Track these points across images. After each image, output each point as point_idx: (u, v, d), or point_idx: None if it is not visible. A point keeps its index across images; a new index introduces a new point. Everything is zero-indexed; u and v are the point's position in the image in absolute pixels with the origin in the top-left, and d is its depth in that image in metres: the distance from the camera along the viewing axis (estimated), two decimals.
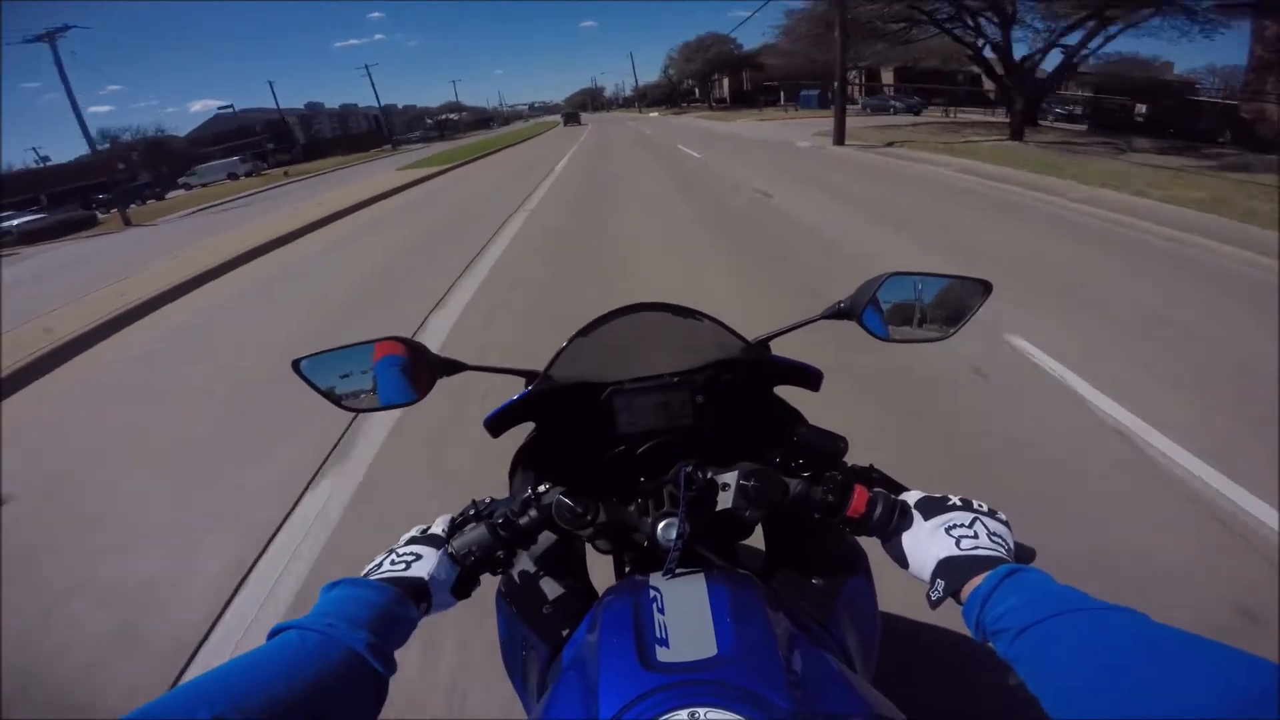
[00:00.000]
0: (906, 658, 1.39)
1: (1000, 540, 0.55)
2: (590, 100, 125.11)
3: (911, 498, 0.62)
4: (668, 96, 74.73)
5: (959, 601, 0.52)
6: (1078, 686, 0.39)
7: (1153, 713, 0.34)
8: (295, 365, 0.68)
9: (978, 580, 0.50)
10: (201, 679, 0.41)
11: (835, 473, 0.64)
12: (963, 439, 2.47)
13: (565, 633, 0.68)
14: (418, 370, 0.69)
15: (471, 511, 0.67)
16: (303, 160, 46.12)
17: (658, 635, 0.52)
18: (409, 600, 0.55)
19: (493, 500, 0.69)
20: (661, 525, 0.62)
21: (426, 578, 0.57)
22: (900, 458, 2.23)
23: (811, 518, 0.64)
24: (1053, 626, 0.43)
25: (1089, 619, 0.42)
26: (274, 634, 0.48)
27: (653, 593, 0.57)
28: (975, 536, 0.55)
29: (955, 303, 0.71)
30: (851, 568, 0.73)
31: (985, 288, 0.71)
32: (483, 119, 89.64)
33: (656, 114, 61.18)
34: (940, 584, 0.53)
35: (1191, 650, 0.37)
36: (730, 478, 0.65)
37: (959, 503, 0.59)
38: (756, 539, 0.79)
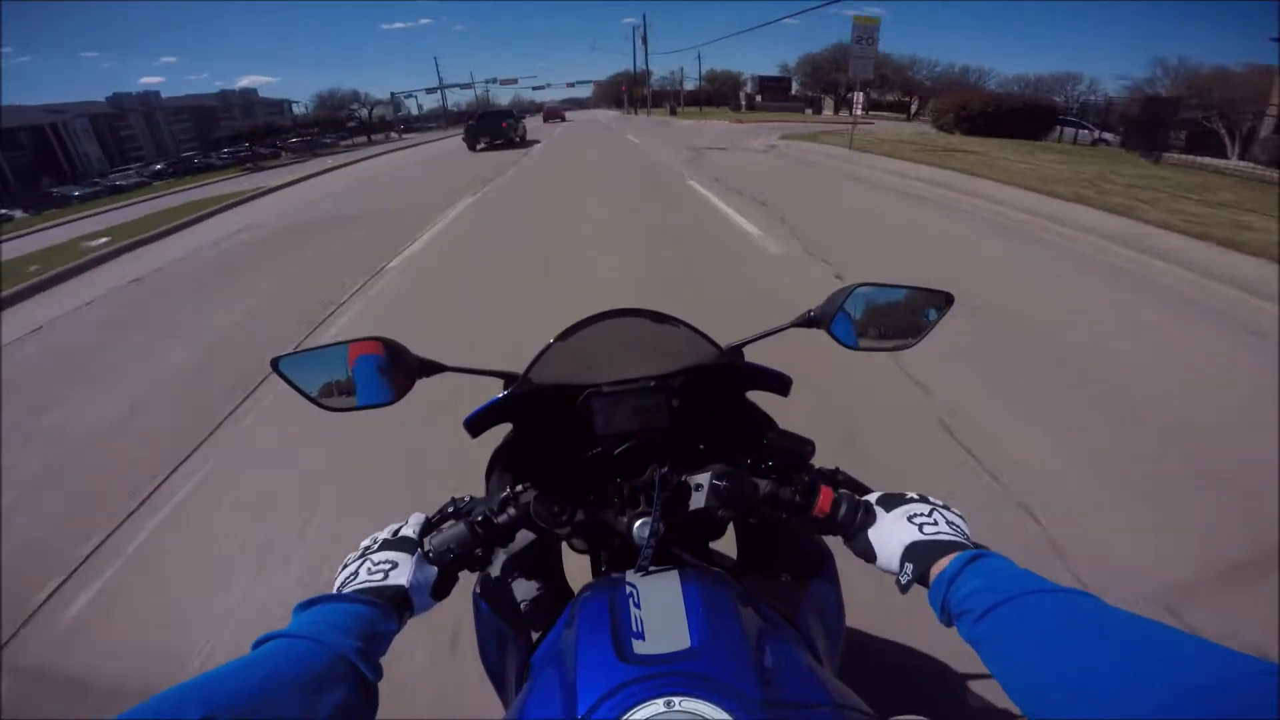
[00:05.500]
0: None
1: (958, 528, 0.58)
2: (631, 84, 62.14)
3: (873, 498, 0.64)
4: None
5: (925, 585, 0.54)
6: (1034, 668, 0.41)
7: (1105, 694, 0.36)
8: (274, 364, 0.67)
9: (944, 563, 0.52)
10: (191, 682, 0.41)
11: (803, 474, 0.66)
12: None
13: (542, 630, 0.69)
14: (396, 371, 0.69)
15: (450, 509, 0.67)
16: None
17: (634, 629, 0.53)
18: (390, 610, 0.54)
19: (471, 499, 0.69)
20: (637, 524, 0.64)
21: (407, 584, 0.57)
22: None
23: (780, 518, 0.66)
24: (1012, 609, 0.45)
25: (1045, 601, 0.44)
26: (259, 644, 0.47)
27: (629, 589, 0.59)
28: (936, 524, 0.57)
29: (919, 312, 0.73)
30: (818, 568, 0.77)
31: (947, 299, 0.73)
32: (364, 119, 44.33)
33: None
34: (909, 568, 0.55)
35: (1142, 633, 0.39)
36: (703, 479, 0.66)
37: (916, 496, 0.62)
38: (729, 544, 0.81)
